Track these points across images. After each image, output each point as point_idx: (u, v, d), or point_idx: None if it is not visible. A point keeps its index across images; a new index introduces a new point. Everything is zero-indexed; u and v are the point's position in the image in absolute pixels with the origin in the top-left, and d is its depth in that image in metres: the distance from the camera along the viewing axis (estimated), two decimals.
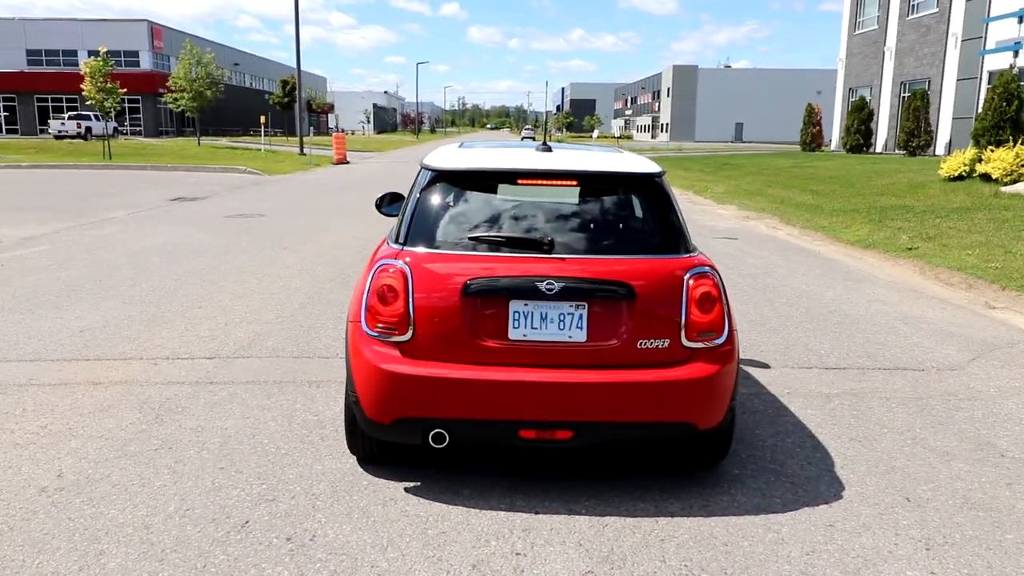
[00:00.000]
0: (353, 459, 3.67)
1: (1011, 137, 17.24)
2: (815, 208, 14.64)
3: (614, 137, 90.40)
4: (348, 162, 32.82)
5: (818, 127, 37.68)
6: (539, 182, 3.61)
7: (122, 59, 53.81)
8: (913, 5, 32.78)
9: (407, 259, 3.37)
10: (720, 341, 3.37)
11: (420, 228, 3.52)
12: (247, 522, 3.08)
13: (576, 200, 3.63)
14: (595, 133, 66.78)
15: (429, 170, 3.71)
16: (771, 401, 4.62)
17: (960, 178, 15.91)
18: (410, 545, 2.96)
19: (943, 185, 15.74)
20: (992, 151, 15.50)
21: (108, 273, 8.05)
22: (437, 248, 3.43)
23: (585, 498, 3.37)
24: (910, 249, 10.04)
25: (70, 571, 2.72)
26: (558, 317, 3.27)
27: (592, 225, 3.58)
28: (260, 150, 35.95)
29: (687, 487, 3.49)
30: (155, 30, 59.69)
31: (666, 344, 3.31)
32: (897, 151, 31.22)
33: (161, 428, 4.02)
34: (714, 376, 3.31)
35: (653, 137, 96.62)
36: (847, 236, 11.48)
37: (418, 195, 3.64)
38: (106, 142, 29.71)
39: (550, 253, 3.36)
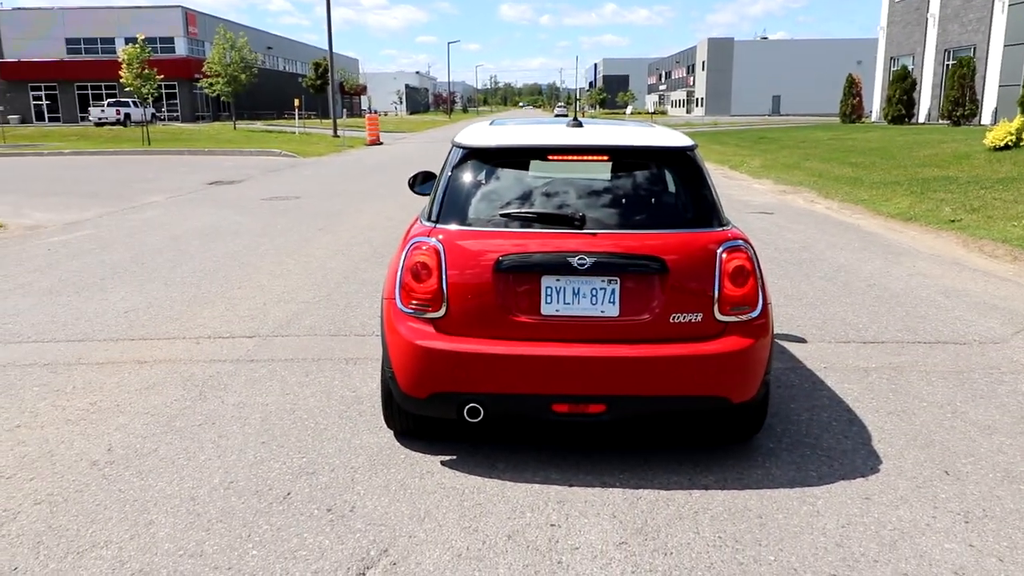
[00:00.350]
0: (390, 434, 3.74)
1: None
2: (854, 181, 14.36)
3: (648, 113, 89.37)
4: (381, 143, 32.96)
5: (858, 98, 36.83)
6: (570, 158, 3.63)
7: (158, 45, 54.57)
8: None
9: (440, 236, 3.39)
10: (754, 315, 3.34)
11: (452, 206, 3.53)
12: (289, 494, 3.17)
13: (607, 175, 3.65)
14: (628, 109, 66.08)
15: (460, 148, 3.72)
16: (807, 375, 4.58)
17: (1007, 148, 15.45)
18: (446, 516, 3.02)
19: (988, 155, 15.30)
20: None
21: (150, 256, 8.24)
22: (469, 225, 3.45)
23: (619, 471, 3.39)
24: (953, 221, 9.81)
25: (122, 539, 2.83)
26: (590, 292, 3.27)
27: (624, 200, 3.58)
28: (294, 133, 36.27)
29: (721, 461, 3.50)
30: (189, 16, 60.32)
31: (699, 318, 3.28)
32: (941, 121, 30.39)
33: (204, 404, 4.13)
34: (747, 350, 3.29)
35: (688, 112, 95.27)
36: (887, 209, 11.26)
37: (450, 173, 3.66)
38: (145, 128, 30.24)
39: (582, 228, 3.36)
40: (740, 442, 3.68)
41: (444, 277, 3.31)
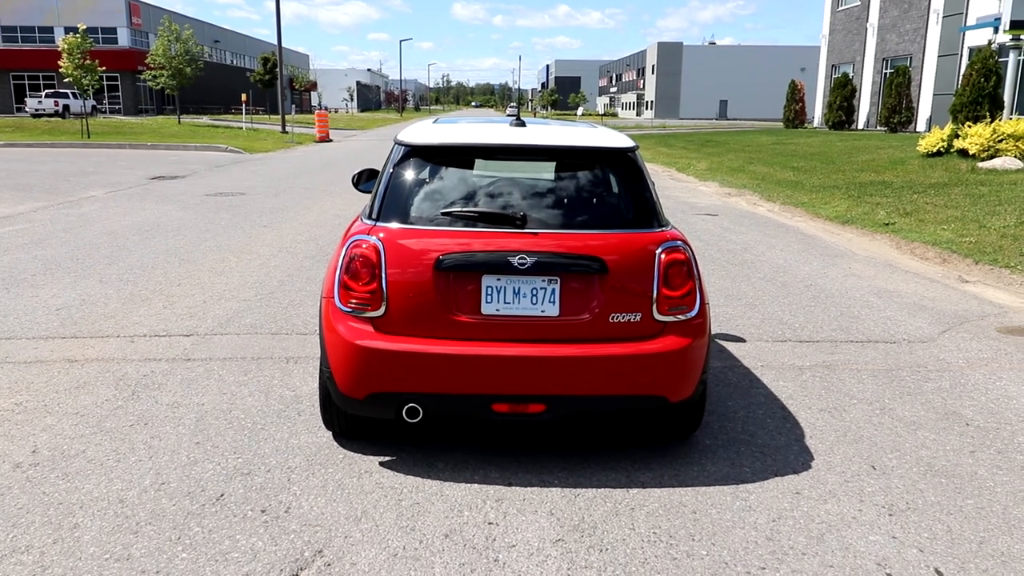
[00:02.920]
0: (329, 434, 3.70)
1: (988, 113, 17.38)
2: (796, 184, 14.72)
3: (599, 115, 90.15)
4: (331, 140, 32.57)
5: (801, 104, 37.76)
6: (512, 157, 3.61)
7: (99, 36, 52.91)
8: None
9: (380, 235, 3.35)
10: (692, 315, 3.38)
11: (393, 204, 3.49)
12: (222, 495, 3.11)
13: (549, 175, 3.61)
14: (580, 111, 66.51)
15: (402, 145, 3.68)
16: (745, 374, 4.68)
17: (939, 154, 16.03)
18: (384, 516, 3.00)
19: (922, 161, 15.86)
20: (970, 127, 15.61)
21: (86, 252, 7.99)
22: (410, 224, 3.40)
23: (558, 469, 3.42)
24: (887, 224, 10.14)
25: (44, 544, 2.74)
26: (531, 292, 3.26)
27: (565, 200, 3.55)
28: (241, 128, 35.59)
29: (659, 458, 3.55)
30: (133, 6, 58.66)
31: (638, 318, 3.31)
32: (879, 128, 31.35)
33: (137, 404, 4.03)
34: (685, 349, 3.32)
35: (638, 115, 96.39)
36: (826, 212, 11.57)
37: (391, 170, 3.62)
38: (84, 120, 29.31)
39: (523, 228, 3.34)
40: (678, 440, 3.73)
41: (384, 276, 3.27)
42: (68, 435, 3.64)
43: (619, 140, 3.80)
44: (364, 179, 4.73)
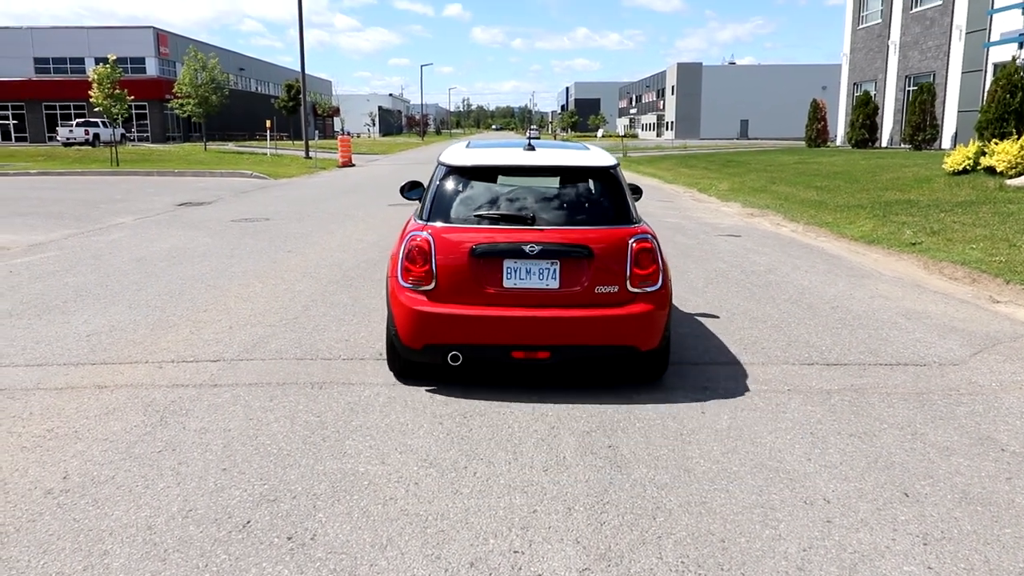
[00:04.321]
0: (354, 459, 3.72)
1: (1015, 129, 17.16)
2: (819, 204, 14.62)
3: (619, 136, 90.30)
4: (353, 165, 32.91)
5: (823, 123, 37.57)
6: (524, 174, 4.92)
7: (128, 66, 54.15)
8: None
9: (430, 231, 4.56)
10: (656, 288, 4.56)
11: (438, 208, 4.72)
12: (248, 522, 3.12)
13: (552, 186, 4.91)
14: (599, 132, 66.73)
15: (444, 165, 4.92)
16: (772, 398, 4.63)
17: (965, 172, 15.84)
18: (409, 544, 2.99)
19: (948, 179, 15.67)
20: (996, 144, 15.42)
21: (115, 278, 8.12)
22: (451, 223, 4.61)
23: (583, 496, 3.39)
24: (914, 244, 10.02)
25: (74, 571, 2.76)
26: (538, 271, 4.47)
27: (563, 204, 4.81)
28: (266, 154, 36.09)
29: (684, 484, 3.51)
30: (161, 36, 60.00)
31: (616, 290, 4.49)
32: (903, 145, 31.09)
33: (165, 430, 4.07)
34: (650, 313, 4.50)
35: (658, 135, 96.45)
36: (851, 232, 11.46)
37: (437, 184, 4.85)
38: (113, 148, 29.89)
39: (532, 225, 4.55)
40: (651, 382, 4.79)
41: (434, 261, 4.48)
42: (98, 461, 3.68)
43: (604, 160, 5.02)
44: (408, 188, 5.99)
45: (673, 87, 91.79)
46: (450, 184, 4.82)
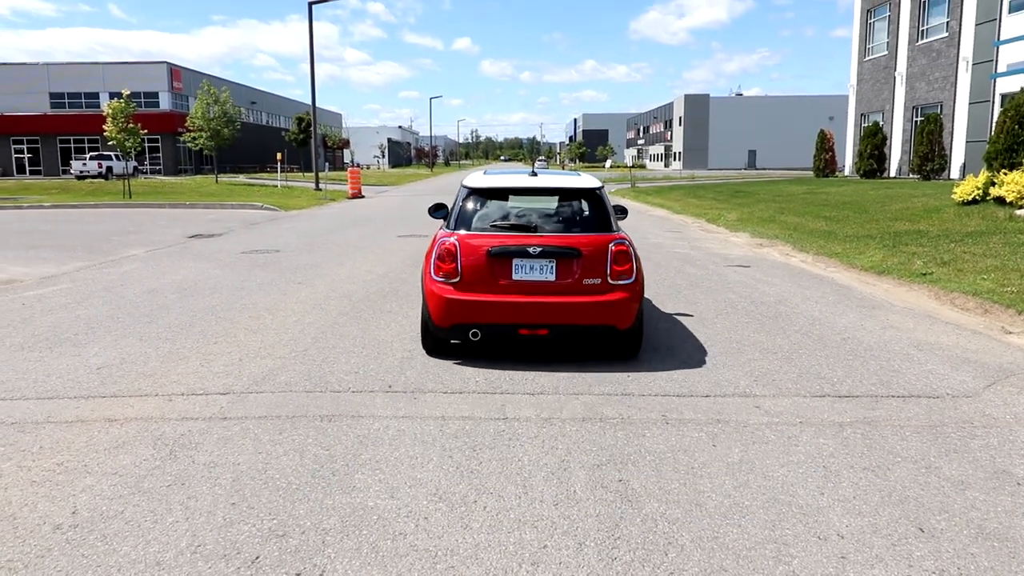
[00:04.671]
0: (363, 494, 3.70)
1: None
2: (828, 234, 14.61)
3: (627, 166, 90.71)
4: (363, 196, 33.16)
5: (831, 153, 37.70)
6: (528, 194, 6.37)
7: (142, 100, 54.98)
8: (922, 31, 32.91)
9: (456, 237, 5.88)
10: (630, 281, 5.81)
11: (462, 219, 6.09)
12: (257, 558, 3.10)
13: (551, 203, 6.39)
14: (608, 163, 67.09)
15: (465, 188, 6.36)
16: (783, 431, 4.59)
17: (974, 202, 15.83)
18: None
19: (957, 209, 15.66)
20: (1005, 174, 15.42)
21: (126, 310, 8.17)
22: (472, 230, 5.96)
23: (594, 531, 3.36)
24: (924, 274, 9.98)
25: None
26: (539, 267, 5.74)
27: (559, 216, 6.28)
28: (276, 186, 36.43)
29: (697, 519, 3.47)
30: (174, 71, 60.98)
31: (599, 282, 5.75)
32: (911, 175, 31.13)
33: (175, 464, 4.06)
34: (626, 300, 5.74)
35: (666, 166, 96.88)
36: (861, 262, 11.44)
37: (460, 202, 6.24)
38: (126, 181, 30.24)
39: (535, 232, 5.93)
40: (628, 357, 6.06)
41: (459, 259, 5.76)
42: (107, 495, 3.67)
43: (592, 183, 6.40)
44: (435, 209, 7.06)
45: (681, 118, 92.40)
46: (471, 202, 6.21)
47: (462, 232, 5.92)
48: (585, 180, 6.49)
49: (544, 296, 5.68)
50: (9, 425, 4.65)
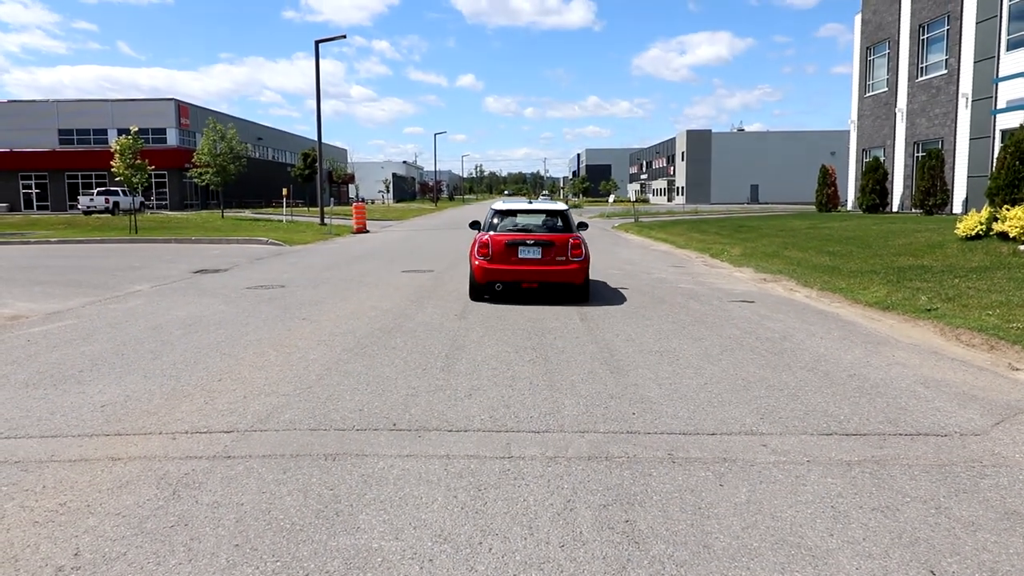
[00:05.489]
0: (368, 535, 3.67)
1: None
2: (832, 269, 14.62)
3: (630, 201, 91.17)
4: (368, 231, 33.33)
5: (833, 188, 37.89)
6: (528, 212, 12.65)
7: (150, 136, 55.66)
8: (921, 68, 33.27)
9: (488, 236, 11.36)
10: (581, 259, 11.13)
11: (490, 226, 11.78)
12: None
13: (540, 217, 12.38)
14: (611, 198, 67.51)
15: (493, 210, 12.22)
16: (791, 470, 4.56)
17: (977, 237, 15.85)
18: None
19: (961, 244, 15.68)
20: (1008, 210, 15.46)
21: (131, 347, 8.18)
22: (497, 232, 11.55)
23: (601, 566, 3.32)
24: (929, 310, 9.96)
25: None
26: (532, 251, 11.08)
27: (544, 224, 12.17)
28: (282, 221, 36.65)
29: (693, 528, 3.43)
30: (182, 108, 61.76)
31: (564, 259, 11.05)
32: (914, 210, 31.23)
33: (178, 504, 4.04)
34: (578, 269, 11.05)
35: (669, 200, 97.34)
36: (865, 297, 11.43)
37: (491, 218, 11.97)
38: (133, 216, 30.46)
39: (530, 232, 11.71)
40: (581, 302, 11.24)
41: (491, 247, 11.14)
42: (110, 536, 3.65)
43: (561, 207, 12.50)
44: (472, 225, 12.83)
45: (683, 153, 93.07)
46: (496, 218, 11.94)
47: (492, 233, 11.58)
48: (558, 205, 12.63)
49: (535, 266, 11.14)
50: (13, 464, 4.64)
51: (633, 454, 4.81)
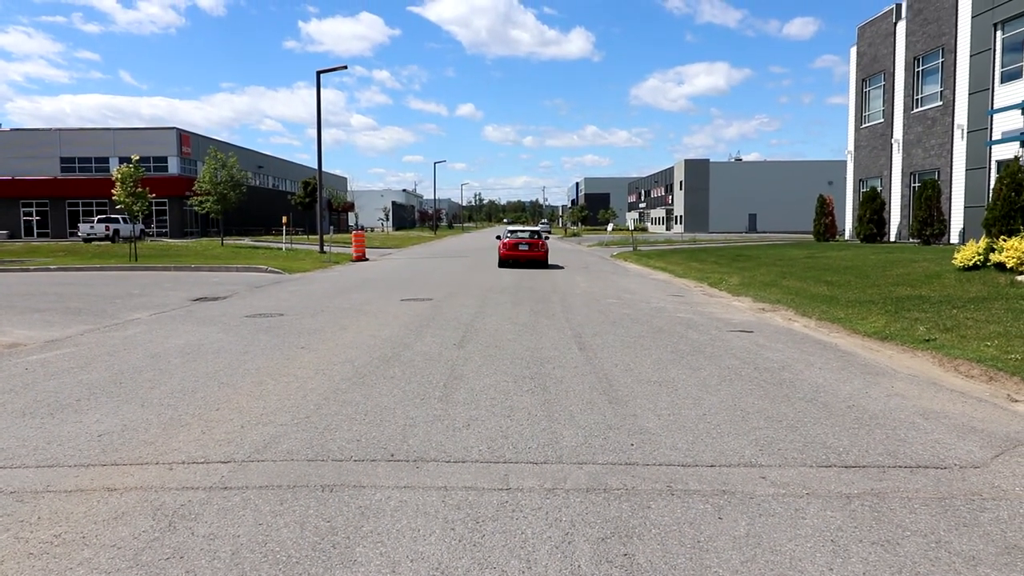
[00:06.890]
0: (364, 568, 3.65)
1: (1022, 226, 17.31)
2: (831, 299, 14.65)
3: (629, 230, 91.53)
4: (367, 259, 33.41)
5: (831, 217, 38.08)
6: (524, 233, 30.38)
7: (151, 164, 55.97)
8: (917, 99, 33.62)
9: (504, 241, 29.22)
10: (545, 250, 28.87)
11: (506, 236, 29.68)
12: None
13: (527, 233, 30.09)
14: (610, 227, 67.72)
15: (508, 231, 30.85)
16: (790, 503, 4.54)
17: (975, 267, 15.92)
18: None
19: (958, 275, 15.74)
20: (1005, 240, 15.55)
21: (129, 375, 8.16)
22: (509, 239, 29.11)
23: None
24: (928, 341, 9.98)
25: None
26: (526, 245, 28.62)
27: (530, 235, 29.62)
28: (281, 249, 36.75)
29: (692, 562, 3.40)
30: (183, 137, 62.24)
31: (541, 251, 28.67)
32: (911, 240, 31.36)
33: (174, 536, 4.01)
34: (544, 254, 28.82)
35: (668, 228, 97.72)
36: (864, 328, 11.45)
37: (504, 238, 29.62)
38: (132, 244, 30.54)
39: (523, 239, 29.13)
40: (545, 268, 27.70)
41: (506, 245, 28.78)
42: (104, 569, 3.62)
43: (542, 228, 48.84)
44: (497, 237, 32.64)
45: (681, 182, 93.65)
46: (506, 234, 29.72)
47: (505, 239, 28.69)
48: (539, 228, 35.64)
49: (528, 253, 28.07)
50: (8, 494, 4.61)
51: (632, 486, 4.79)
